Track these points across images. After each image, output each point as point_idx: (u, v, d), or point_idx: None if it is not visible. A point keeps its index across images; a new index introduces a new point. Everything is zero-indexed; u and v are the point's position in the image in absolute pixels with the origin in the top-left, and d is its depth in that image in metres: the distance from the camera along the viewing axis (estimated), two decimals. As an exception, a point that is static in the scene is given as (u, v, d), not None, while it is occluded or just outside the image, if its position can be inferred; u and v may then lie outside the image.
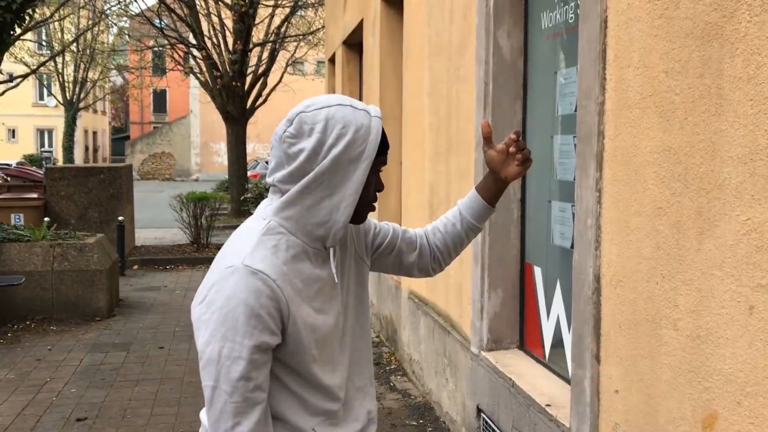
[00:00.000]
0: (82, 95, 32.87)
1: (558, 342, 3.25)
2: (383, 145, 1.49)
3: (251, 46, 15.89)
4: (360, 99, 8.66)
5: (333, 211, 1.43)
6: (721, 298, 1.80)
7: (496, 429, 3.47)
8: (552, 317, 3.31)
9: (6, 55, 8.96)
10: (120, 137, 53.96)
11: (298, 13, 17.75)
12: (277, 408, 1.45)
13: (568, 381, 2.96)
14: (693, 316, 1.92)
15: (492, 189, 1.74)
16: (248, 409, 1.35)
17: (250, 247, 1.40)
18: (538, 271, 3.48)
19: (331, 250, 1.51)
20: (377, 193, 1.54)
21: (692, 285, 1.92)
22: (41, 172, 12.52)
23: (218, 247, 11.61)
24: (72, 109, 32.56)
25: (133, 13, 21.51)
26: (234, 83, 15.36)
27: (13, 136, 41.51)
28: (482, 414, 3.68)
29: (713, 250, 1.83)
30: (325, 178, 1.41)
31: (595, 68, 2.42)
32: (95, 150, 47.55)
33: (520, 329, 3.68)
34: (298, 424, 1.46)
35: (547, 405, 2.90)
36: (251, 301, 1.34)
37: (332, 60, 10.16)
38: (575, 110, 2.89)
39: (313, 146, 1.40)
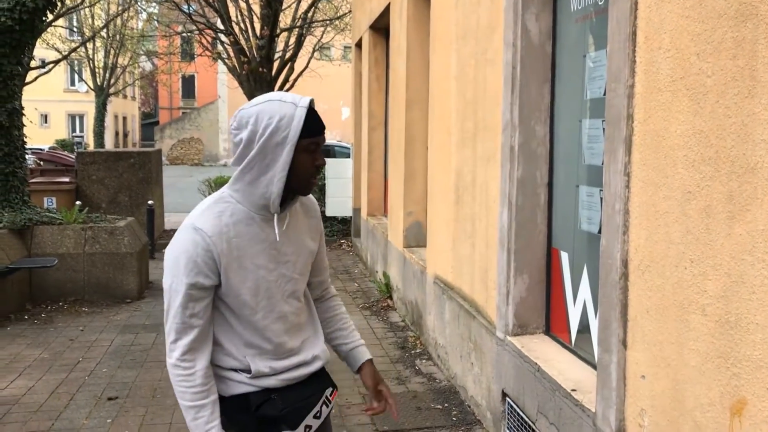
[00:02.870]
0: (112, 81, 33.17)
1: (584, 327, 3.24)
2: (313, 128, 1.79)
3: (278, 31, 15.88)
4: (386, 84, 8.63)
5: (268, 184, 1.80)
6: (752, 283, 1.78)
7: (521, 413, 3.47)
8: (578, 302, 3.29)
9: (38, 41, 9.08)
10: (149, 122, 54.56)
11: (325, -2, 17.70)
12: (218, 336, 1.89)
13: (594, 366, 2.95)
14: (722, 302, 1.90)
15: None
16: (187, 330, 1.82)
17: (200, 211, 1.85)
18: (564, 256, 3.46)
19: (276, 218, 1.85)
20: (318, 168, 1.84)
21: (721, 270, 1.90)
22: (73, 157, 12.72)
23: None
24: (102, 95, 32.91)
25: (161, -2, 21.63)
26: (261, 69, 15.37)
27: (46, 122, 42.16)
28: (507, 398, 3.68)
29: (744, 235, 1.81)
30: (258, 159, 1.78)
31: (624, 51, 2.38)
32: (125, 135, 48.15)
33: (546, 314, 3.67)
34: (232, 352, 1.89)
35: (573, 390, 2.90)
36: (190, 251, 1.79)
37: (359, 45, 10.14)
38: (604, 94, 2.85)
39: (248, 136, 1.77)
